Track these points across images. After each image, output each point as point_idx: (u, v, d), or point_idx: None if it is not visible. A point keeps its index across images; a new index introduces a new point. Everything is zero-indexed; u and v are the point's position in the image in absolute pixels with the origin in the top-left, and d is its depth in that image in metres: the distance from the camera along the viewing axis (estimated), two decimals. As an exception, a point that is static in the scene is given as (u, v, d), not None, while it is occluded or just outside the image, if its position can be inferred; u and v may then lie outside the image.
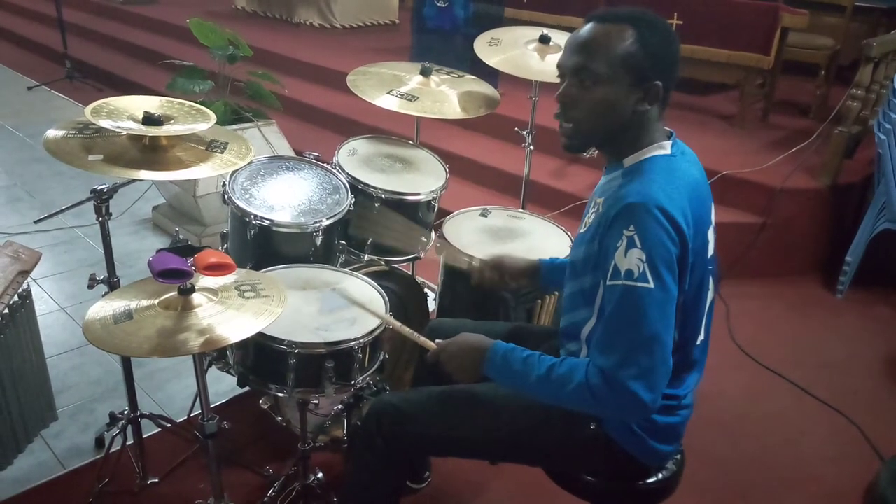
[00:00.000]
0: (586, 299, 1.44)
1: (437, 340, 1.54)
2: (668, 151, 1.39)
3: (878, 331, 3.12)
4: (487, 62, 2.46)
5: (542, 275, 1.79)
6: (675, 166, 1.37)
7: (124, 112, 1.69)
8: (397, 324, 1.66)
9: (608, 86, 1.34)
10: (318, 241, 2.01)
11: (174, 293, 1.46)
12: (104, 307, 1.47)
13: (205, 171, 1.67)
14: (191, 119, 1.74)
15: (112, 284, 1.88)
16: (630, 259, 1.27)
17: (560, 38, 2.51)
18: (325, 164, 2.23)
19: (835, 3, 4.89)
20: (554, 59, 2.44)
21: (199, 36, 3.45)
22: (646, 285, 1.26)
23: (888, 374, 2.83)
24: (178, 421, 2.29)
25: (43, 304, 2.99)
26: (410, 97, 2.32)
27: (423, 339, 1.58)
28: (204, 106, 1.83)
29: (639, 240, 1.26)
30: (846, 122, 3.40)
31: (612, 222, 1.31)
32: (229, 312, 1.46)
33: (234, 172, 2.07)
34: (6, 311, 1.88)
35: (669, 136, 1.42)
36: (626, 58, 1.33)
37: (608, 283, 1.31)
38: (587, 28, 1.38)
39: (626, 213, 1.29)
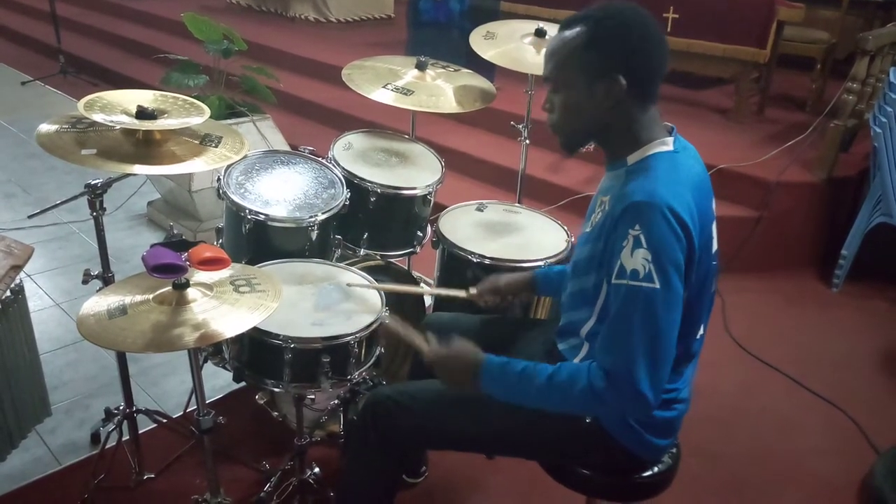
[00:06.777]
0: (587, 299, 1.43)
1: (429, 334, 1.52)
2: (670, 147, 1.38)
3: (874, 324, 3.13)
4: (483, 56, 2.45)
5: (539, 287, 1.78)
6: (678, 162, 1.36)
7: (118, 106, 1.68)
8: (394, 325, 1.63)
9: (568, 89, 1.38)
10: (314, 235, 2.00)
11: (169, 288, 1.46)
12: (98, 302, 1.46)
13: (199, 166, 1.65)
14: (185, 113, 1.72)
15: (106, 280, 1.87)
16: (636, 259, 1.25)
17: (556, 31, 2.50)
18: (320, 159, 2.23)
19: (831, -3, 4.90)
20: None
21: (193, 30, 3.44)
22: (651, 285, 1.25)
23: (884, 368, 2.84)
24: (174, 416, 2.29)
25: (37, 300, 2.98)
26: (406, 91, 2.31)
27: (418, 341, 1.53)
28: (198, 100, 1.81)
29: (645, 239, 1.25)
30: (842, 115, 3.40)
31: (617, 220, 1.30)
32: (224, 307, 1.45)
33: (228, 167, 2.06)
34: (-1, 306, 1.88)
35: (671, 132, 1.41)
36: (575, 58, 1.35)
37: (613, 282, 1.30)
38: (552, 37, 1.43)
39: (631, 212, 1.27)
